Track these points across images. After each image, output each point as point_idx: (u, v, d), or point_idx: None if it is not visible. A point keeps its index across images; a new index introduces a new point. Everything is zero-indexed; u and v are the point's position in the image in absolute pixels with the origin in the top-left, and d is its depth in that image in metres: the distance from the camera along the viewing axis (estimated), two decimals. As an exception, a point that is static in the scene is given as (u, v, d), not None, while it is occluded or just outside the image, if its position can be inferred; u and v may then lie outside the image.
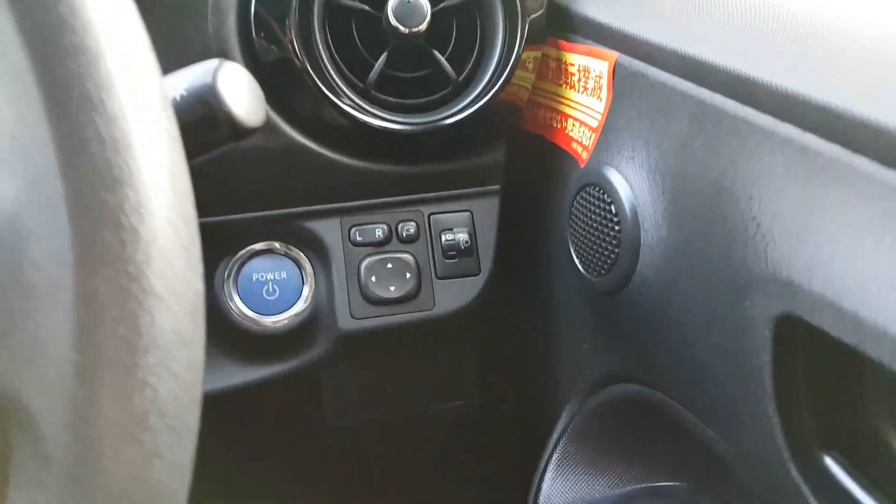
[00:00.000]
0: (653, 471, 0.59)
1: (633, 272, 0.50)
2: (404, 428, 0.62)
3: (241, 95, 0.40)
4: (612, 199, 0.51)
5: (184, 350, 0.23)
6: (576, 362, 0.62)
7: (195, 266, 0.25)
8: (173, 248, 0.24)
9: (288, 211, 0.58)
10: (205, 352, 0.26)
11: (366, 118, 0.56)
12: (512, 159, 0.62)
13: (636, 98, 0.50)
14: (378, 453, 0.72)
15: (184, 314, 0.24)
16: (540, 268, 0.63)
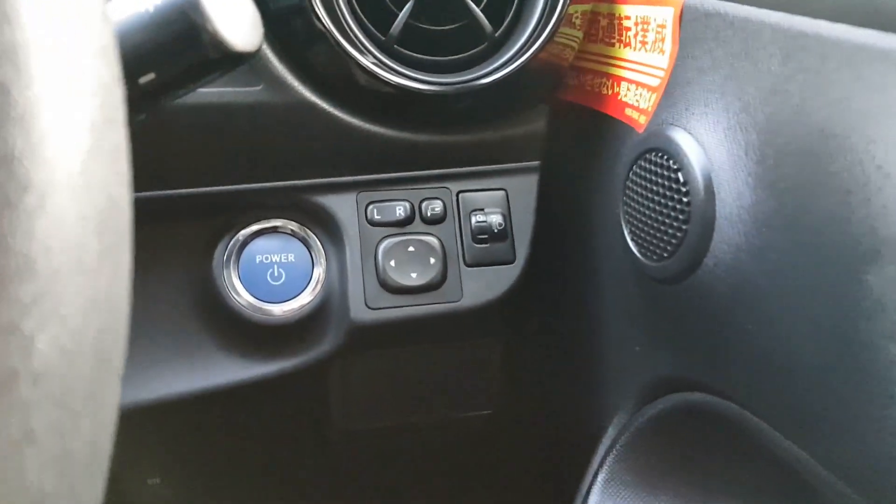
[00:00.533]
0: (720, 498, 0.49)
1: (704, 253, 0.41)
2: (421, 437, 0.54)
3: (229, 9, 0.33)
4: (680, 164, 0.42)
5: (78, 281, 0.16)
6: (626, 366, 0.53)
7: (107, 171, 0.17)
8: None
9: (296, 183, 0.51)
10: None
11: (387, 75, 0.48)
12: (554, 130, 0.54)
13: (710, 43, 0.42)
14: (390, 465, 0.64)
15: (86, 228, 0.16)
16: (585, 254, 0.54)
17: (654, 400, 0.52)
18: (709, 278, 0.42)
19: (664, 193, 0.43)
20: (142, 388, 0.51)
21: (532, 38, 0.50)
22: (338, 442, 0.61)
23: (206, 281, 0.51)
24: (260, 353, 0.53)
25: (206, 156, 0.49)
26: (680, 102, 0.44)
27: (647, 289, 0.48)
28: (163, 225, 0.51)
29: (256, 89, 0.48)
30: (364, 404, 0.60)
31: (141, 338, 0.51)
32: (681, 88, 0.44)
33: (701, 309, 0.43)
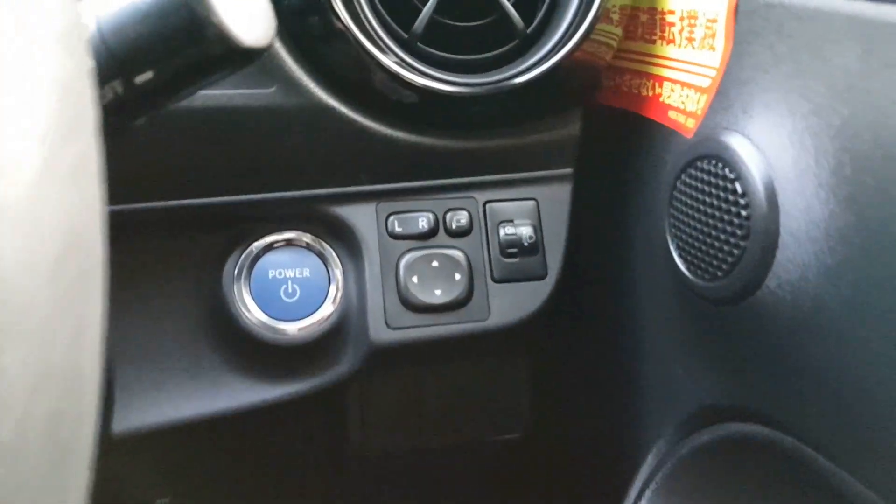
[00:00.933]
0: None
1: (765, 273, 0.37)
2: (444, 462, 0.50)
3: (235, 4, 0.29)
4: (738, 173, 0.38)
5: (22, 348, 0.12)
6: (668, 390, 0.49)
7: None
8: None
9: (311, 192, 0.47)
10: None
11: (410, 76, 0.44)
12: (589, 135, 0.50)
13: (771, 38, 0.38)
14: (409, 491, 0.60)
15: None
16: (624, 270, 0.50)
17: (698, 429, 0.47)
18: (770, 301, 0.37)
19: (718, 206, 0.39)
20: (148, 411, 0.47)
21: (567, 35, 0.46)
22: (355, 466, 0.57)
23: (215, 298, 0.48)
24: (273, 374, 0.49)
25: (214, 163, 0.45)
26: (736, 104, 0.40)
27: (694, 309, 0.44)
28: (167, 239, 0.47)
29: (269, 91, 0.44)
30: (383, 426, 0.56)
31: (147, 359, 0.47)
32: (736, 89, 0.40)
33: (758, 333, 0.39)
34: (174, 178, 0.45)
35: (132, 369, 0.47)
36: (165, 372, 0.48)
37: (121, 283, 0.47)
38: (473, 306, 0.48)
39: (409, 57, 0.45)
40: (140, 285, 0.47)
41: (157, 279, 0.47)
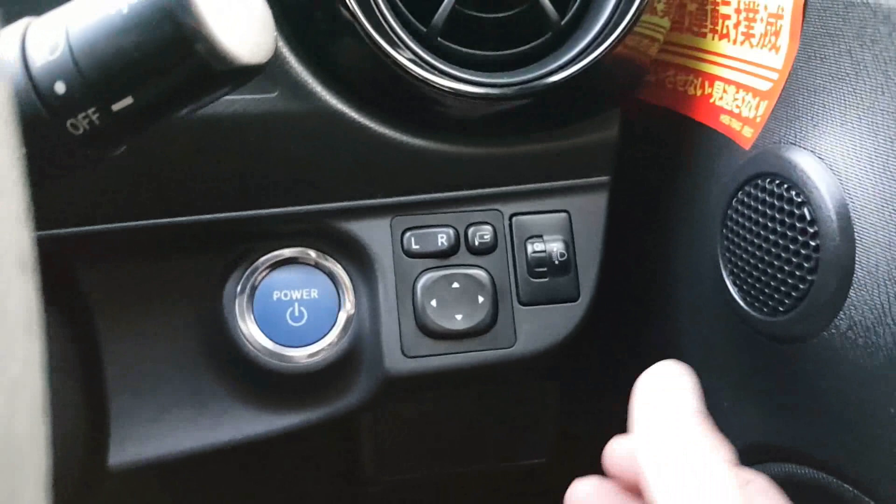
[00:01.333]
0: None
1: (835, 312, 0.32)
2: (464, 489, 0.46)
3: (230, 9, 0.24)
4: (806, 197, 0.33)
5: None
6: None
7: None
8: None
9: (319, 207, 0.43)
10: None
11: (431, 77, 0.39)
12: (629, 139, 0.45)
13: (850, 42, 0.32)
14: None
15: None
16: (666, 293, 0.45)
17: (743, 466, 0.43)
18: (838, 344, 0.32)
19: (783, 232, 0.34)
20: (146, 444, 0.43)
21: (607, 28, 0.41)
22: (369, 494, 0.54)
23: (216, 323, 0.43)
24: (280, 403, 0.45)
25: (212, 177, 0.41)
26: (804, 116, 0.35)
27: (748, 342, 0.39)
28: (162, 260, 0.43)
29: (272, 96, 0.39)
30: (399, 453, 0.52)
31: (144, 388, 0.44)
32: (805, 98, 0.35)
33: (821, 377, 0.34)
34: (167, 194, 0.41)
35: (128, 399, 0.43)
36: (164, 402, 0.44)
37: (113, 307, 0.44)
38: (498, 332, 0.43)
39: (428, 54, 0.40)
40: (134, 310, 0.43)
41: (153, 303, 0.43)
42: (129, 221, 0.40)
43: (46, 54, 0.24)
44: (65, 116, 0.24)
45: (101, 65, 0.23)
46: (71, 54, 0.23)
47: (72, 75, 0.23)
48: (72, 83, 0.23)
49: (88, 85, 0.23)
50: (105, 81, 0.24)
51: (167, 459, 0.44)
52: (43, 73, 0.23)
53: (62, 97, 0.24)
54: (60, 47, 0.23)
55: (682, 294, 0.45)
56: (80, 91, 0.23)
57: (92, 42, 0.23)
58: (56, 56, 0.23)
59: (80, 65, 0.23)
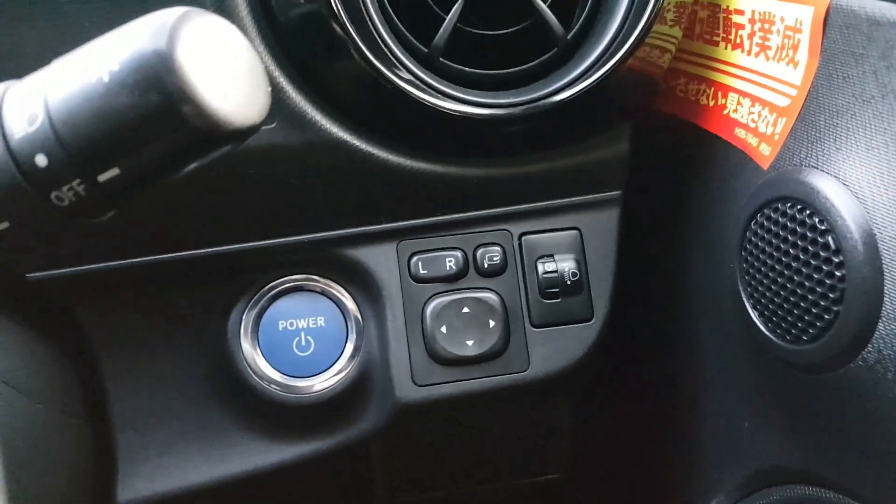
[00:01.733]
0: None
1: (862, 344, 0.31)
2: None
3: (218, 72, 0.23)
4: (830, 224, 0.32)
5: None
6: (730, 444, 0.44)
7: None
8: None
9: (324, 235, 0.41)
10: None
11: (433, 99, 0.38)
12: (640, 153, 0.44)
13: (876, 63, 0.31)
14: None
15: None
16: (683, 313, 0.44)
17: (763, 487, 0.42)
18: (865, 377, 0.31)
19: (806, 261, 0.33)
20: (155, 479, 0.43)
21: (617, 41, 0.39)
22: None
23: (221, 355, 0.42)
24: (288, 434, 0.44)
25: (212, 210, 0.39)
26: (826, 138, 0.33)
27: (770, 369, 0.38)
28: (164, 294, 0.42)
29: (271, 127, 0.38)
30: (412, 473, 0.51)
31: (151, 422, 0.43)
32: (828, 119, 0.33)
33: (845, 407, 0.33)
34: (166, 230, 0.39)
35: (135, 435, 0.42)
36: (171, 436, 0.43)
37: (116, 344, 0.42)
38: (511, 356, 0.42)
39: (429, 75, 0.39)
40: (138, 345, 0.42)
41: (157, 338, 0.42)
42: (129, 259, 0.39)
43: (25, 125, 0.22)
44: (48, 189, 0.23)
45: (83, 136, 0.22)
46: (51, 126, 0.22)
47: (53, 147, 0.22)
48: (53, 156, 0.22)
49: (71, 157, 0.22)
50: (89, 153, 0.22)
51: (176, 493, 0.43)
52: (22, 146, 0.22)
53: (44, 170, 0.22)
54: (40, 118, 0.22)
55: (700, 314, 0.44)
56: (63, 163, 0.22)
57: (73, 112, 0.22)
58: (35, 128, 0.22)
59: (61, 136, 0.22)
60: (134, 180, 0.23)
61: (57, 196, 0.23)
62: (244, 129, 0.24)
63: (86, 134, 0.22)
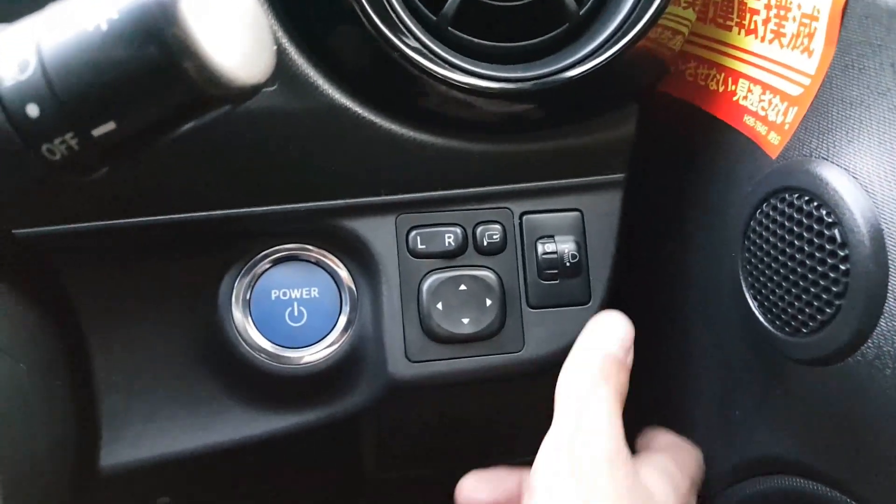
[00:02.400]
0: None
1: (862, 339, 0.31)
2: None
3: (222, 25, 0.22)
4: (837, 217, 0.31)
5: None
6: (721, 432, 0.44)
7: None
8: None
9: (321, 205, 0.40)
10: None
11: (442, 71, 0.37)
12: (645, 136, 0.43)
13: (893, 51, 0.30)
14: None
15: None
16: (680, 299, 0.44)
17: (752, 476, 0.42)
18: (864, 372, 0.31)
19: (810, 253, 0.33)
20: (140, 444, 0.42)
21: (630, 19, 0.38)
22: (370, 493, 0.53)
23: (211, 322, 0.42)
24: (278, 404, 0.44)
25: (207, 173, 0.39)
26: (838, 129, 0.33)
27: (765, 358, 0.38)
28: (154, 257, 0.41)
29: (271, 90, 0.37)
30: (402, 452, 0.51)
31: (137, 388, 0.42)
32: (840, 110, 0.33)
33: (844, 402, 0.33)
34: (158, 191, 0.38)
35: (120, 399, 0.42)
36: (157, 402, 0.42)
37: (102, 306, 0.42)
38: (506, 336, 0.42)
39: (437, 44, 0.38)
40: (125, 309, 0.41)
41: (145, 302, 0.41)
42: (118, 219, 0.38)
43: (16, 73, 0.21)
44: (39, 141, 0.22)
45: (78, 87, 0.21)
46: (44, 74, 0.21)
47: (46, 98, 0.21)
48: (46, 106, 0.21)
49: (65, 109, 0.21)
50: (83, 105, 0.21)
51: (161, 460, 0.42)
52: (13, 94, 0.21)
53: (35, 121, 0.21)
54: (32, 65, 0.21)
55: (698, 300, 0.43)
56: (56, 115, 0.21)
57: (68, 61, 0.21)
58: (27, 76, 0.21)
59: (54, 86, 0.21)
60: (130, 136, 0.22)
61: (48, 149, 0.22)
62: (247, 88, 0.23)
63: (81, 85, 0.21)
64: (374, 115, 0.39)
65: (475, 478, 0.43)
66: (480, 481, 0.43)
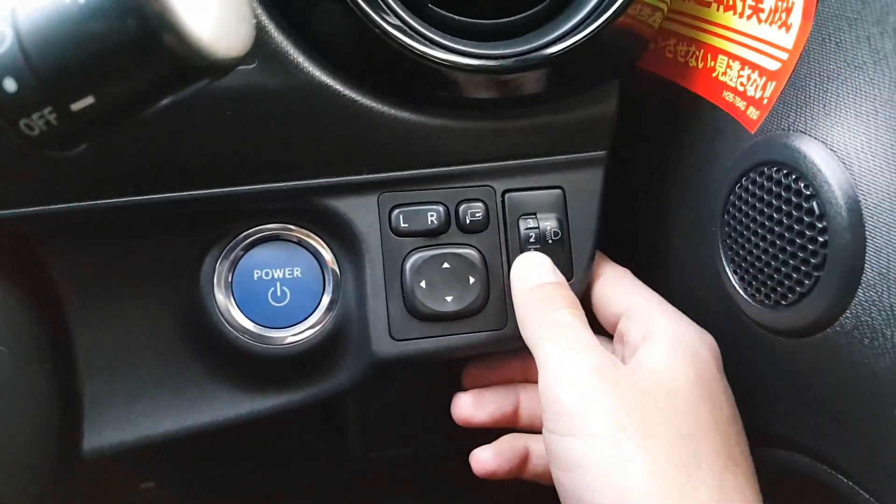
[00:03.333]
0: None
1: (840, 310, 0.32)
2: (459, 464, 0.45)
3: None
4: (815, 190, 0.32)
5: None
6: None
7: None
8: None
9: (302, 183, 0.40)
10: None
11: (423, 48, 0.37)
12: (626, 113, 0.43)
13: (871, 29, 0.31)
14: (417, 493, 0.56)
15: None
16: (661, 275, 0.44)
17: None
18: (843, 342, 0.32)
19: (789, 225, 0.33)
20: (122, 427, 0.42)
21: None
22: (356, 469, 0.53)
23: (193, 302, 0.42)
24: (261, 384, 0.44)
25: (187, 153, 0.38)
26: (816, 103, 0.33)
27: (745, 333, 0.38)
28: (135, 238, 0.41)
29: (250, 68, 0.37)
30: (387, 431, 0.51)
31: (119, 370, 0.42)
32: (818, 84, 0.33)
33: (822, 373, 0.34)
34: (136, 171, 0.38)
35: (102, 381, 0.41)
36: (140, 384, 0.42)
37: (83, 288, 0.41)
38: (489, 313, 0.42)
39: (418, 21, 0.38)
40: (106, 291, 0.41)
41: (126, 283, 0.41)
42: (97, 200, 0.38)
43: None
44: (17, 116, 0.21)
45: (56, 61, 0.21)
46: (20, 48, 0.21)
47: (23, 72, 0.21)
48: (23, 81, 0.21)
49: (43, 83, 0.21)
50: (62, 80, 0.21)
51: (144, 442, 0.42)
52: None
53: (13, 95, 0.21)
54: (8, 38, 0.21)
55: (679, 278, 0.44)
56: (34, 90, 0.21)
57: (45, 34, 0.21)
58: (3, 49, 0.21)
59: (31, 60, 0.21)
60: (109, 110, 0.22)
61: (27, 124, 0.22)
62: (227, 60, 0.23)
63: (59, 59, 0.21)
64: (355, 92, 0.39)
65: (472, 395, 0.45)
66: (478, 397, 0.45)
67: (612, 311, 0.42)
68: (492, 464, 0.43)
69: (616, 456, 0.33)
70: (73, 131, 0.22)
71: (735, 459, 0.35)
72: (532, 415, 0.45)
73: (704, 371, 0.37)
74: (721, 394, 0.37)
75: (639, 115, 0.46)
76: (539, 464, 0.44)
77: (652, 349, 0.37)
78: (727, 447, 0.35)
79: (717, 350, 0.39)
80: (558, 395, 0.35)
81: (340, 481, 0.54)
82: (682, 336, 0.38)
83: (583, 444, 0.34)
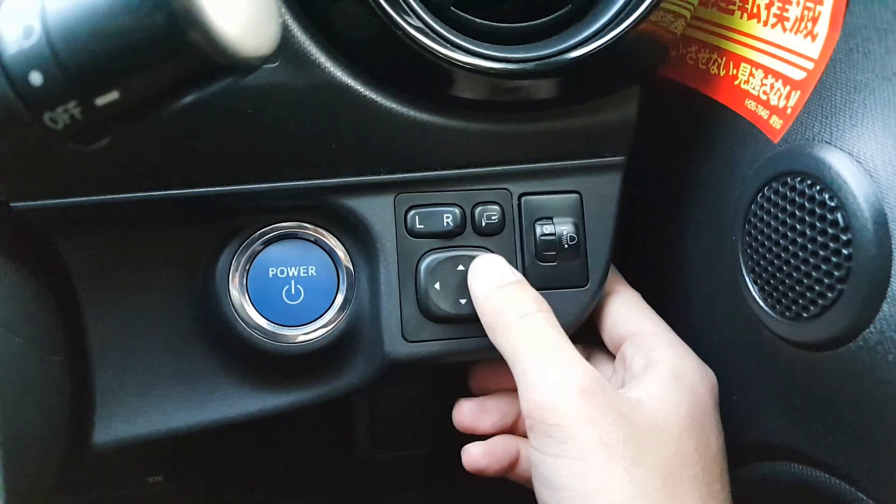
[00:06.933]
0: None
1: (864, 324, 0.31)
2: (460, 464, 0.45)
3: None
4: (840, 201, 0.31)
5: None
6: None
7: None
8: None
9: (320, 182, 0.40)
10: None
11: (444, 50, 0.37)
12: (646, 119, 0.43)
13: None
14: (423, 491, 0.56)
15: None
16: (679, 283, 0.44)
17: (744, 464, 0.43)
18: (866, 358, 0.31)
19: (812, 237, 0.33)
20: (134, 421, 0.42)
21: (632, 2, 0.38)
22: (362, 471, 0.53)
23: (208, 298, 0.42)
24: (273, 382, 0.43)
25: (207, 149, 0.38)
26: (842, 114, 0.33)
27: (764, 343, 0.38)
28: (152, 233, 0.41)
29: (273, 66, 0.36)
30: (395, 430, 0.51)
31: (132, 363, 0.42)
32: (844, 94, 0.33)
33: (843, 387, 0.33)
34: (156, 167, 0.38)
35: (115, 374, 0.42)
36: (152, 378, 0.42)
37: (99, 281, 0.41)
38: (503, 318, 0.42)
39: (440, 24, 0.38)
40: (122, 285, 0.41)
41: (142, 277, 0.41)
42: (116, 194, 0.38)
43: (21, 39, 0.21)
44: (41, 109, 0.21)
45: (82, 55, 0.21)
46: (48, 42, 0.21)
47: (49, 65, 0.21)
48: (49, 74, 0.21)
49: (68, 77, 0.21)
50: (88, 74, 0.21)
51: (155, 437, 0.42)
52: (17, 62, 0.21)
53: (38, 89, 0.21)
54: (36, 32, 0.21)
55: (696, 286, 0.43)
56: (59, 83, 0.21)
57: (72, 28, 0.20)
58: (31, 43, 0.21)
59: (58, 54, 0.21)
60: (133, 106, 0.22)
61: (51, 118, 0.22)
62: (253, 59, 0.22)
63: (85, 53, 0.21)
64: (375, 93, 0.38)
65: (476, 403, 0.45)
66: (481, 405, 0.44)
67: (618, 331, 0.42)
68: (482, 462, 0.43)
69: (602, 480, 0.33)
70: (97, 126, 0.22)
71: (716, 497, 0.36)
72: None
73: (698, 408, 0.38)
74: (711, 431, 0.38)
75: (658, 122, 0.45)
76: (527, 468, 0.44)
77: (650, 380, 0.38)
78: (709, 484, 0.36)
79: (715, 387, 0.40)
80: (544, 417, 0.35)
81: (347, 481, 0.54)
82: (682, 370, 0.39)
83: (569, 467, 0.34)
